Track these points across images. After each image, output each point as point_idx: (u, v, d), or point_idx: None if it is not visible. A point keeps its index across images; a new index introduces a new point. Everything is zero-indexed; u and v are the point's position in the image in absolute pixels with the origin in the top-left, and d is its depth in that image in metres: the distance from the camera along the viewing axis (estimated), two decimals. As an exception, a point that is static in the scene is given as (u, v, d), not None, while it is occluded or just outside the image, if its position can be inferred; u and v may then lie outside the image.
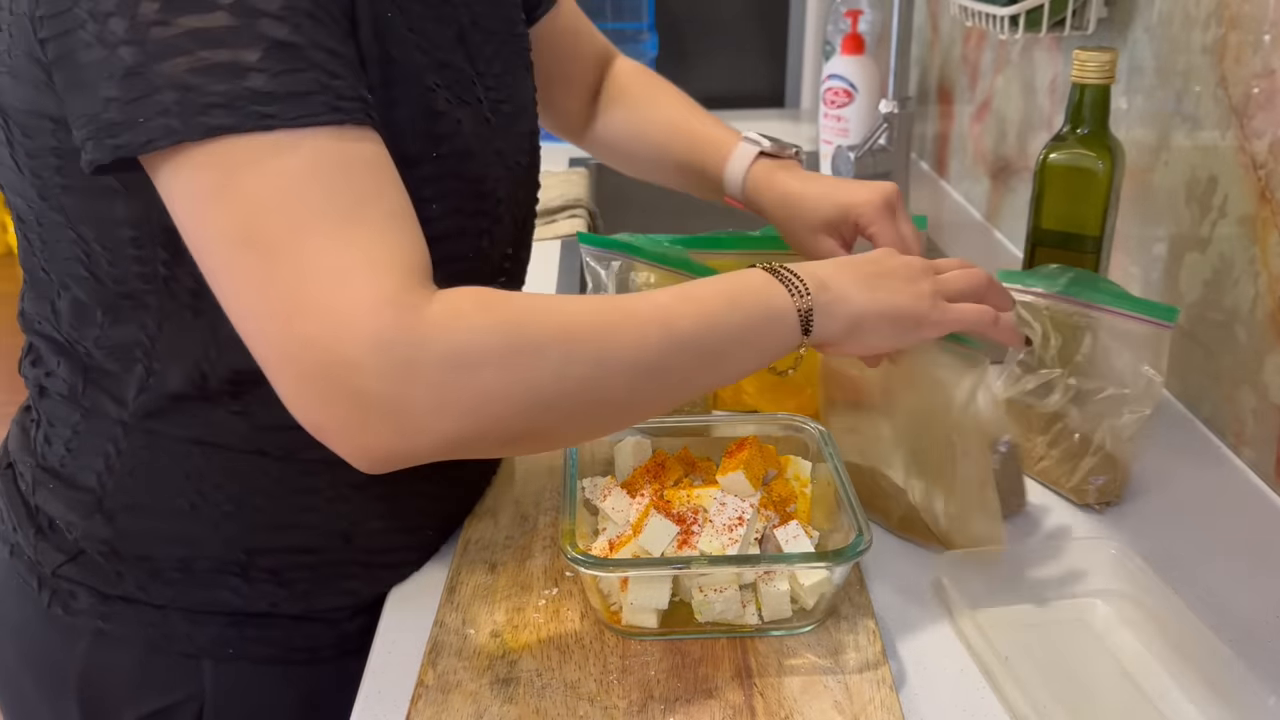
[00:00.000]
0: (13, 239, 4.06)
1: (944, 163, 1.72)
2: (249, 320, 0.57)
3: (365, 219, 0.56)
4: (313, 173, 0.55)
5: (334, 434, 0.57)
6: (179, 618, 0.74)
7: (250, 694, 0.77)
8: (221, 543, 0.73)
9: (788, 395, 0.96)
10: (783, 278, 0.67)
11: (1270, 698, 0.63)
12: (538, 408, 0.58)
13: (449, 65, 0.69)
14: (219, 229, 0.56)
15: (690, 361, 0.63)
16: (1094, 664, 0.71)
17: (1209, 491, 0.89)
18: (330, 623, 0.78)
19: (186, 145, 0.55)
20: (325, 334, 0.54)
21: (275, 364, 0.57)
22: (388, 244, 0.56)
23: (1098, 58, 0.90)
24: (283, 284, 0.55)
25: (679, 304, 0.64)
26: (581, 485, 0.79)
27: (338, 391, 0.55)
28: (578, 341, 0.59)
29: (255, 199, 0.55)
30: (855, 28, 1.64)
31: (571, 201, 1.54)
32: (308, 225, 0.55)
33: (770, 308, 0.66)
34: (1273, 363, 0.88)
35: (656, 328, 0.62)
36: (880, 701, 0.65)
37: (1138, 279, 1.08)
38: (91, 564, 0.74)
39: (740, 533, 0.70)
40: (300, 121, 0.55)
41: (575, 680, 0.67)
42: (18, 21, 0.59)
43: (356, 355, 0.54)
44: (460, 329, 0.56)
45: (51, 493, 0.74)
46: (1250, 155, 0.89)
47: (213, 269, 0.58)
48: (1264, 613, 0.75)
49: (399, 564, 0.79)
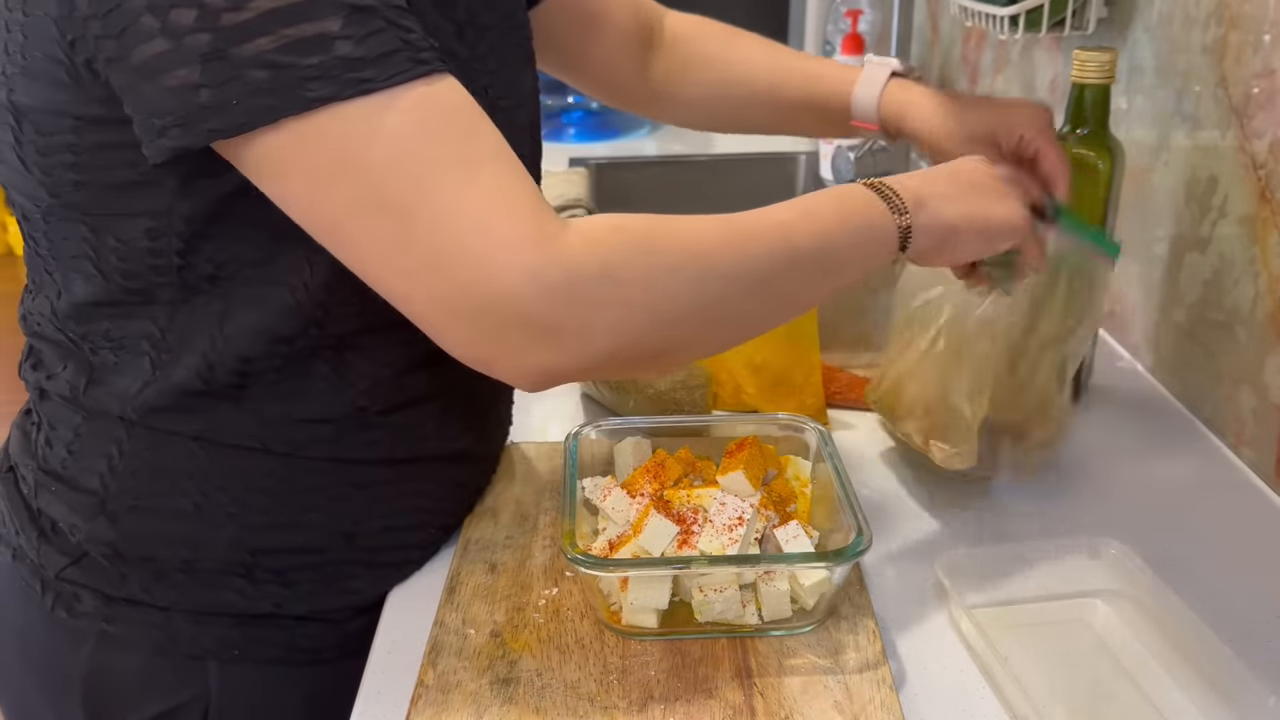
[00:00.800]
0: (13, 239, 4.06)
1: (944, 163, 1.72)
2: (398, 280, 0.59)
3: (480, 161, 0.58)
4: (420, 127, 0.57)
5: (501, 362, 0.60)
6: (183, 619, 0.74)
7: (255, 695, 0.77)
8: (225, 543, 0.73)
9: (787, 395, 0.96)
10: (885, 195, 0.69)
11: (1270, 698, 0.63)
12: (675, 323, 0.61)
13: (453, 55, 0.69)
14: (347, 200, 0.57)
15: (806, 276, 0.66)
16: (1094, 664, 0.71)
17: (1209, 492, 0.89)
18: (334, 623, 0.78)
19: (287, 122, 0.55)
20: (480, 276, 0.56)
21: (436, 314, 0.59)
22: (508, 181, 0.59)
23: (1098, 58, 0.90)
24: (426, 239, 0.57)
25: (798, 219, 0.66)
26: (581, 485, 0.79)
27: (502, 324, 0.58)
28: (710, 258, 0.62)
29: (375, 163, 0.56)
30: (855, 28, 1.64)
31: (571, 201, 1.54)
32: (432, 177, 0.57)
33: (874, 226, 0.68)
34: (1273, 363, 0.88)
35: (780, 243, 0.64)
36: (880, 701, 0.65)
37: (1138, 279, 1.08)
38: (95, 566, 0.74)
39: (740, 533, 0.70)
40: (395, 80, 0.56)
41: (575, 680, 0.67)
42: (34, 23, 0.60)
43: (514, 288, 0.56)
44: (603, 250, 0.59)
45: (54, 495, 0.74)
46: (1250, 155, 0.89)
47: (344, 240, 0.59)
48: (1264, 613, 0.75)
49: (401, 563, 0.79)
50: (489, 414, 0.84)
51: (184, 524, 0.72)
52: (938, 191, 0.71)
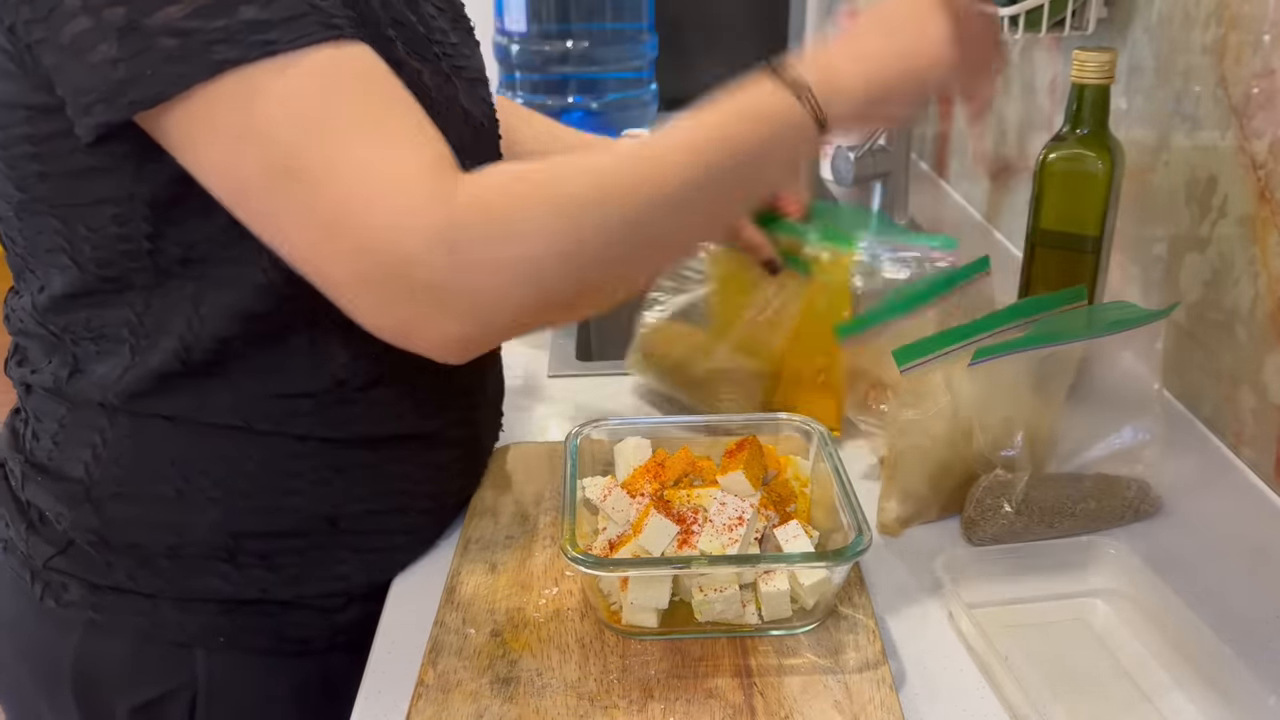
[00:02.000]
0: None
1: (944, 163, 1.72)
2: (306, 249, 0.59)
3: (386, 124, 0.58)
4: (325, 90, 0.57)
5: (416, 332, 0.59)
6: (169, 607, 0.75)
7: (242, 685, 0.77)
8: (208, 528, 0.73)
9: (825, 395, 0.95)
10: (789, 82, 0.66)
11: (1270, 698, 0.63)
12: (592, 265, 0.60)
13: (404, 23, 0.71)
14: (254, 166, 0.57)
15: (723, 186, 0.64)
16: (1094, 664, 0.71)
17: (1208, 491, 0.89)
18: (322, 611, 0.78)
19: (198, 89, 0.56)
20: (383, 240, 0.56)
21: (345, 282, 0.59)
22: (415, 142, 0.58)
23: (1097, 58, 0.90)
24: (330, 203, 0.57)
25: (702, 133, 0.64)
26: (581, 485, 0.79)
27: (409, 290, 0.57)
28: (615, 194, 0.60)
29: (279, 127, 0.56)
30: (855, 28, 1.64)
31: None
32: (337, 140, 0.57)
33: (786, 121, 0.65)
34: (1273, 363, 0.88)
35: (689, 167, 0.62)
36: (880, 701, 0.65)
37: (1138, 279, 1.08)
38: (81, 555, 0.74)
39: (740, 532, 0.70)
40: (300, 42, 0.56)
41: (575, 680, 0.67)
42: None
43: (416, 252, 0.56)
44: (504, 205, 0.58)
45: (40, 486, 0.75)
46: (1250, 155, 0.89)
47: (258, 212, 0.59)
48: (1264, 613, 0.75)
49: (389, 548, 0.79)
50: (470, 396, 0.84)
51: (167, 509, 0.73)
52: (848, 54, 0.68)
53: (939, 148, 1.74)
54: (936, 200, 1.66)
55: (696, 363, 0.97)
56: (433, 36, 0.74)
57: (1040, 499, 0.81)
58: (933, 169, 1.78)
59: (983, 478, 0.82)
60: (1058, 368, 0.83)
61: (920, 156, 1.83)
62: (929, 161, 1.80)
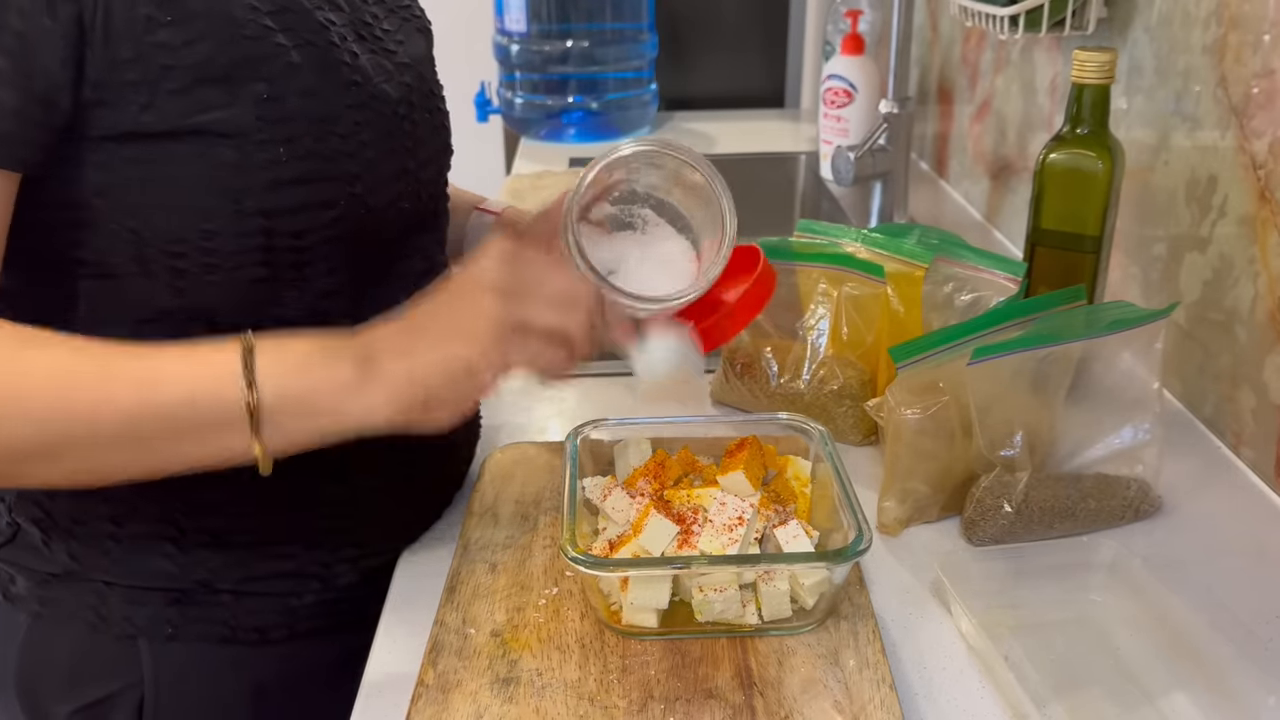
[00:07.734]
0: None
1: (944, 163, 1.72)
2: None
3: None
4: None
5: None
6: (115, 597, 0.74)
7: (193, 681, 0.76)
8: (152, 501, 0.72)
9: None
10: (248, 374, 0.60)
11: (1270, 698, 0.63)
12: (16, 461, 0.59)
13: (339, 8, 0.72)
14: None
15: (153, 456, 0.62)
16: (1094, 664, 0.71)
17: (1208, 491, 0.89)
18: (277, 596, 0.77)
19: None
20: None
21: None
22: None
23: (1097, 58, 0.90)
24: None
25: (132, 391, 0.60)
26: (581, 485, 0.79)
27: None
28: (35, 413, 0.58)
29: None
30: (855, 28, 1.64)
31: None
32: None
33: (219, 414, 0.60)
34: (1273, 363, 0.88)
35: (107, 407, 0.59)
36: (880, 701, 0.65)
37: (1138, 279, 1.08)
38: (26, 544, 0.75)
39: (740, 533, 0.70)
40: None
41: (575, 680, 0.67)
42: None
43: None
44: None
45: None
46: (1250, 155, 0.89)
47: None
48: (1264, 613, 0.75)
49: (331, 530, 0.77)
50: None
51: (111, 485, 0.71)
52: (389, 348, 0.62)
53: (939, 148, 1.74)
54: (936, 200, 1.66)
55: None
56: (367, 20, 0.75)
57: (1040, 499, 0.81)
58: (933, 169, 1.78)
59: (983, 478, 0.82)
60: (1057, 367, 0.83)
61: (920, 156, 1.83)
62: (929, 161, 1.80)
